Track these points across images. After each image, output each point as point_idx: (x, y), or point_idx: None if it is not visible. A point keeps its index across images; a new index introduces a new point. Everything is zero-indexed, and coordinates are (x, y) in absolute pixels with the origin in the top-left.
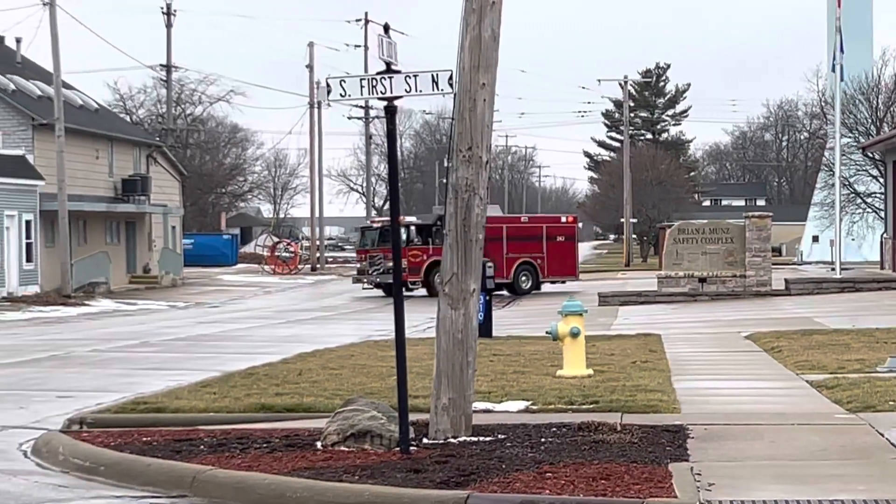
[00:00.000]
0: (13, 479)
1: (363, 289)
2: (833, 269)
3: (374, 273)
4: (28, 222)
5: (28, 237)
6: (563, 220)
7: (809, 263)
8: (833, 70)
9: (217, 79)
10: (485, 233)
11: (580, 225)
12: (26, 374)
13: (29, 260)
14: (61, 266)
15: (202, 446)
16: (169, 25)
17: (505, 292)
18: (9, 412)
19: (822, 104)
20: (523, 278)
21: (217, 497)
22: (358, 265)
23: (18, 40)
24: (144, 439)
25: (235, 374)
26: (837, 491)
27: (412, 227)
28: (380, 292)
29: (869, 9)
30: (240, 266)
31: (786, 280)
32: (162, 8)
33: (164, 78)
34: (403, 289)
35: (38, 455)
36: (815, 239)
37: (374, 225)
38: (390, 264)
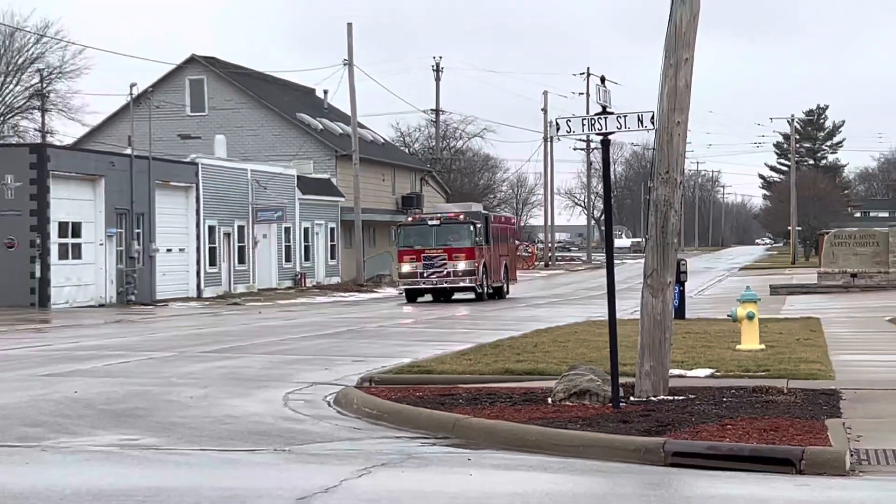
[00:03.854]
0: (320, 423)
1: (399, 293)
2: None
3: (434, 276)
4: (332, 229)
5: (332, 241)
6: (513, 219)
7: None
8: None
9: (473, 119)
10: (678, 237)
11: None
12: (330, 343)
13: (332, 258)
14: (356, 262)
15: (460, 400)
16: (437, 79)
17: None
18: (317, 372)
19: None
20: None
21: (471, 439)
22: (401, 267)
23: (325, 92)
24: (417, 394)
25: (486, 345)
26: None
27: (478, 225)
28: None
29: None
30: None
31: None
32: (432, 66)
33: (434, 119)
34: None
35: (339, 405)
36: None
37: (431, 221)
38: (462, 265)
